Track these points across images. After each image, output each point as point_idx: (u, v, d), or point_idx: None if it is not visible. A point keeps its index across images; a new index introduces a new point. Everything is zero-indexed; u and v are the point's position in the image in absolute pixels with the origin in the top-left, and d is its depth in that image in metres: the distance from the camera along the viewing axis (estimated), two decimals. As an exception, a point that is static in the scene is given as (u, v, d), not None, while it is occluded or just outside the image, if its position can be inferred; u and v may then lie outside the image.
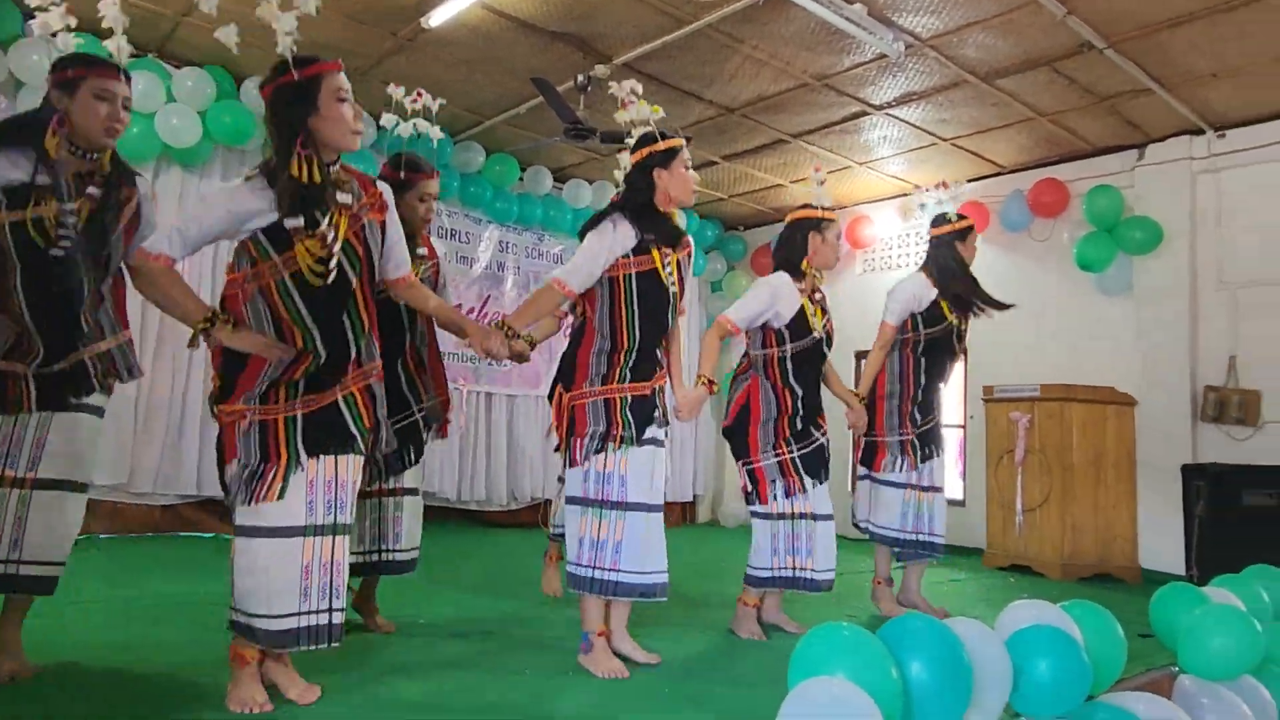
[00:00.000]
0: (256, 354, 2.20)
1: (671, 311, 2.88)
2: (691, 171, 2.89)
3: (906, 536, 3.78)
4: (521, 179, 6.77)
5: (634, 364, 2.78)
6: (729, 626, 3.35)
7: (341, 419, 2.26)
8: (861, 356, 6.93)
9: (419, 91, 3.26)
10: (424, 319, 3.04)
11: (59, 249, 2.27)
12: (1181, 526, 4.96)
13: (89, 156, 2.34)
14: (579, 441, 2.72)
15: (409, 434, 3.02)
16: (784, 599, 3.52)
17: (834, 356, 3.58)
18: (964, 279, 3.77)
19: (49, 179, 2.26)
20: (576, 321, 2.89)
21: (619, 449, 2.69)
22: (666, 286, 2.82)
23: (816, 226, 3.37)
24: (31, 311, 2.27)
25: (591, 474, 2.71)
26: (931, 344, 3.74)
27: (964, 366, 6.69)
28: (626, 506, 2.69)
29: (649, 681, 2.61)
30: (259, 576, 2.12)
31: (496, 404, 6.69)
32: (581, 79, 5.16)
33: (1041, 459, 5.48)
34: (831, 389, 3.60)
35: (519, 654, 2.85)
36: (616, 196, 3.02)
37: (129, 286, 2.47)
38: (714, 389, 3.10)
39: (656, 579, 2.71)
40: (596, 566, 2.67)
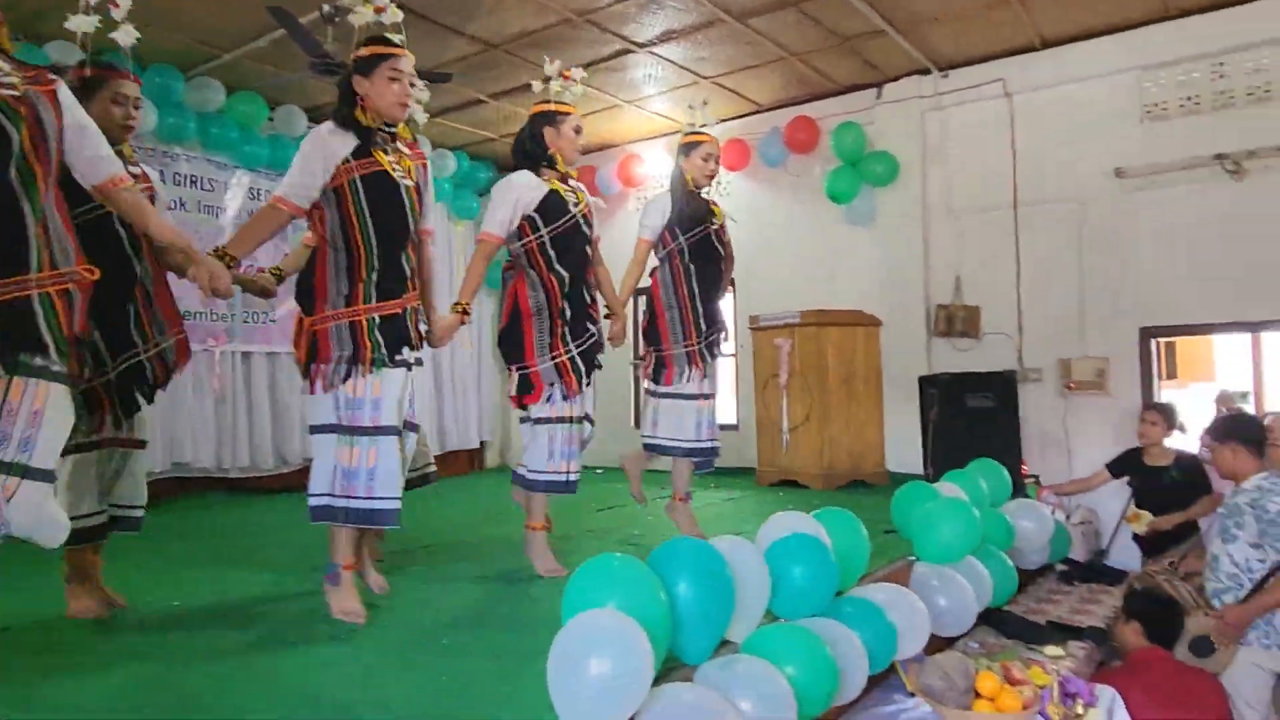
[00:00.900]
0: None
1: (411, 215, 2.74)
2: (398, 85, 2.69)
3: (701, 445, 3.84)
4: (271, 119, 6.22)
5: (378, 281, 2.66)
6: (525, 553, 3.34)
7: (33, 318, 2.02)
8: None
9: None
10: (148, 253, 2.76)
11: None
12: (919, 431, 5.56)
13: None
14: (320, 368, 2.60)
15: (136, 375, 2.76)
16: (579, 535, 3.55)
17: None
18: (686, 197, 3.80)
19: None
20: (313, 244, 2.73)
21: (370, 373, 2.60)
22: (399, 183, 2.69)
23: (551, 120, 3.34)
24: None
25: (341, 399, 2.60)
26: (695, 251, 3.83)
27: (733, 299, 7.06)
28: (379, 431, 2.60)
29: (429, 631, 2.59)
30: None
31: (256, 363, 6.20)
32: (328, 9, 4.73)
33: (803, 381, 5.92)
34: (600, 290, 3.57)
35: (291, 628, 2.68)
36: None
37: None
38: (467, 317, 3.05)
39: (398, 504, 2.65)
40: (350, 496, 2.58)
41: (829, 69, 6.18)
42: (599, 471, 6.08)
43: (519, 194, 3.26)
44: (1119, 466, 4.83)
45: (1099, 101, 5.62)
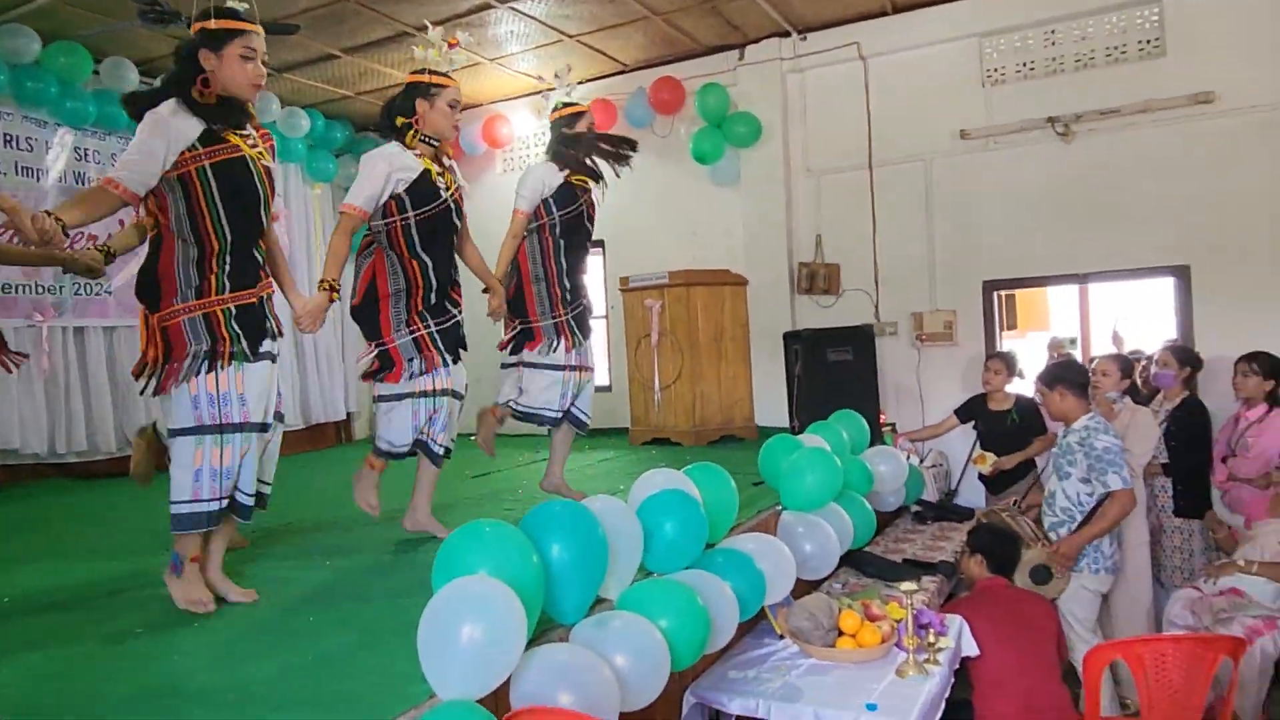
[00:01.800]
0: None
1: (265, 204, 2.59)
2: (251, 65, 2.50)
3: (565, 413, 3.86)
4: (97, 73, 5.69)
5: (230, 270, 2.51)
6: (354, 497, 3.31)
7: None
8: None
9: None
10: None
11: None
12: (785, 386, 5.76)
13: None
14: (174, 366, 2.44)
15: None
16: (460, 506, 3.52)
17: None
18: (578, 146, 3.86)
19: None
20: (152, 230, 2.53)
21: (229, 366, 2.46)
22: (253, 171, 2.53)
23: (424, 92, 3.19)
24: None
25: (203, 398, 2.44)
26: (566, 225, 3.82)
27: (603, 261, 7.06)
28: (249, 428, 2.50)
29: (293, 610, 2.50)
30: None
31: (91, 338, 5.74)
32: (155, -49, 4.39)
33: (673, 340, 6.01)
34: (470, 266, 3.49)
35: (145, 616, 2.52)
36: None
37: None
38: (336, 294, 2.92)
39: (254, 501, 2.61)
40: (219, 499, 2.46)
41: (692, 28, 6.20)
42: (472, 438, 5.99)
43: (391, 169, 3.10)
44: (965, 412, 5.16)
45: (945, 66, 5.89)
